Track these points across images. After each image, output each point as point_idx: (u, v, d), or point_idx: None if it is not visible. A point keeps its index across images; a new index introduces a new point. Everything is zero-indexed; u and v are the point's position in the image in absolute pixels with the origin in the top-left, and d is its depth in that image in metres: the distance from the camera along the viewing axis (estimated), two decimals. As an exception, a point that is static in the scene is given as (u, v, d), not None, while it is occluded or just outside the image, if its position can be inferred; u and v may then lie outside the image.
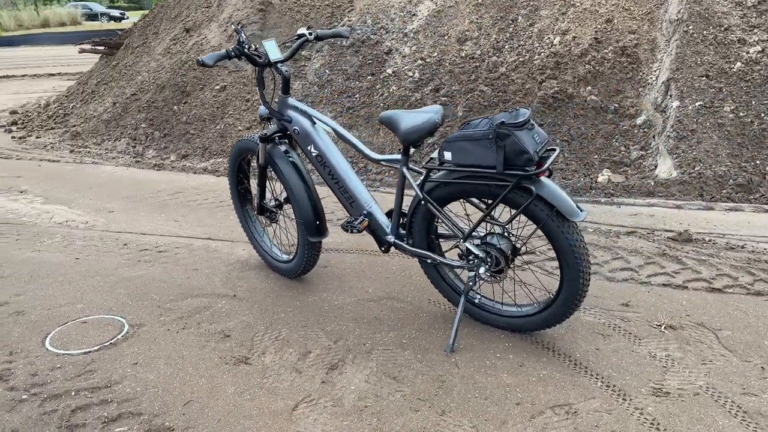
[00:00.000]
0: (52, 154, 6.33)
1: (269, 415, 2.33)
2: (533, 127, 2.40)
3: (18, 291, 3.36)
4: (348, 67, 6.15)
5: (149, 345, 2.82)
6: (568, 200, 2.41)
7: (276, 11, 7.04)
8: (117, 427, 2.30)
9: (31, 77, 12.17)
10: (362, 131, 5.57)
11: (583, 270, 2.47)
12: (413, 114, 2.66)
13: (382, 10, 6.68)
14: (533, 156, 2.34)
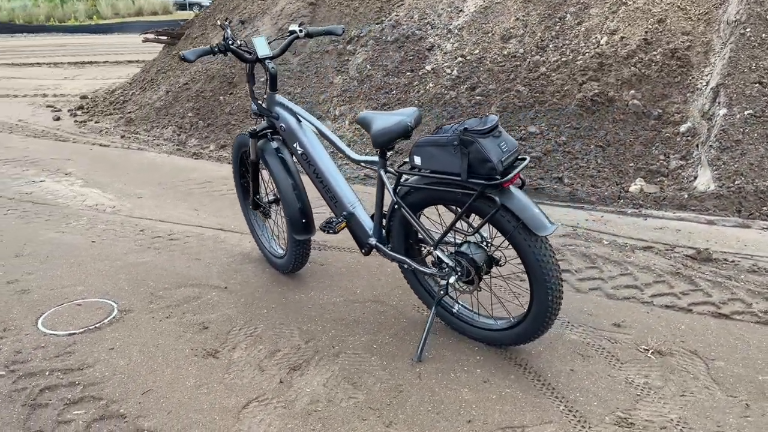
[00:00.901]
0: (105, 138, 6.63)
1: (218, 411, 2.34)
2: (500, 135, 2.29)
3: (31, 270, 3.53)
4: (389, 62, 6.11)
5: (130, 331, 2.90)
6: (536, 213, 2.29)
7: (326, 5, 7.07)
8: (76, 410, 2.38)
9: (112, 64, 12.78)
10: (395, 128, 5.51)
11: (551, 287, 2.35)
12: (386, 116, 2.60)
13: (431, 5, 6.59)
14: (496, 165, 2.23)
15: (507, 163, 2.29)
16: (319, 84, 6.35)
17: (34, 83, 10.66)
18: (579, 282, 3.25)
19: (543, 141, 4.89)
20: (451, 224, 2.50)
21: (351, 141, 5.60)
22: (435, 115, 5.39)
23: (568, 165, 4.69)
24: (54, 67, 12.88)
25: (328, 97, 6.14)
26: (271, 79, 3.03)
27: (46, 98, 9.13)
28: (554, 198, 4.42)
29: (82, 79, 11.13)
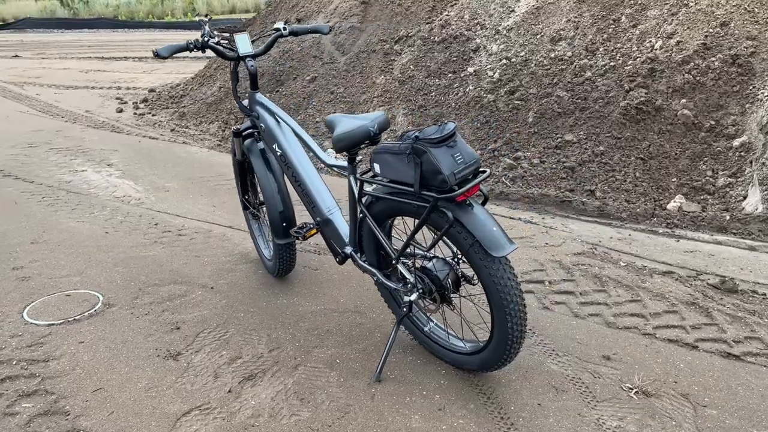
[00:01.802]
0: (156, 131, 6.82)
1: (157, 417, 2.29)
2: (455, 145, 2.11)
3: (38, 257, 3.63)
4: (432, 63, 5.93)
5: (105, 326, 2.91)
6: (493, 231, 2.08)
7: (378, 4, 6.97)
8: (26, 402, 2.39)
9: (191, 59, 13.22)
10: (429, 131, 5.33)
11: (510, 313, 2.14)
12: (351, 119, 2.46)
13: (483, 5, 6.36)
14: (448, 177, 2.05)
15: (462, 176, 2.10)
16: (363, 84, 6.26)
17: (115, 76, 11.18)
18: (579, 306, 2.99)
19: (579, 150, 4.58)
20: (409, 237, 2.34)
21: (384, 143, 5.46)
22: (470, 119, 5.18)
23: (603, 177, 4.37)
24: (138, 61, 13.47)
25: (369, 98, 6.03)
26: (251, 78, 2.95)
27: (119, 91, 9.54)
28: (581, 212, 4.12)
29: (159, 73, 11.57)
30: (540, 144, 4.75)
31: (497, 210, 4.20)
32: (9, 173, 5.30)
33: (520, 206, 4.26)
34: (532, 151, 4.72)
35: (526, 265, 3.41)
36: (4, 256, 3.65)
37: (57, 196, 4.72)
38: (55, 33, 22.86)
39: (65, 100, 8.74)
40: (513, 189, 4.41)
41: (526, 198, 4.32)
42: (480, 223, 2.10)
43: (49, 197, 4.68)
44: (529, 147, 4.77)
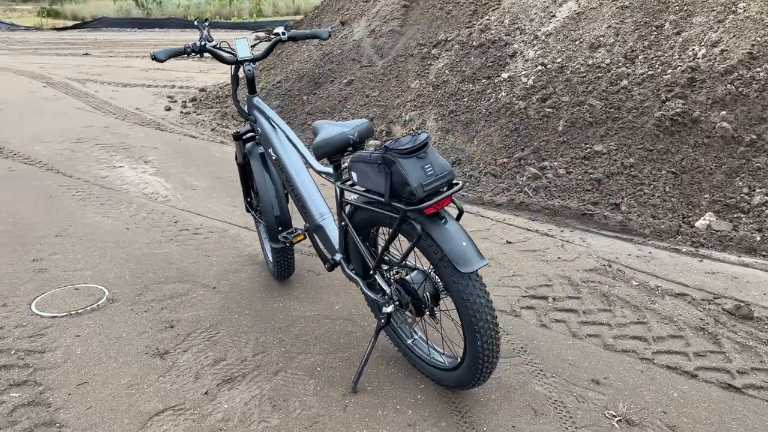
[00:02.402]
0: (198, 130, 6.98)
1: (131, 415, 2.33)
2: (425, 156, 2.05)
3: (59, 250, 3.77)
4: (468, 68, 5.85)
5: (104, 320, 2.98)
6: (462, 246, 2.02)
7: (419, 8, 6.93)
8: (14, 392, 2.48)
9: (245, 59, 13.49)
10: (457, 137, 5.27)
11: (480, 332, 2.07)
12: (333, 126, 2.43)
13: (524, 10, 6.22)
14: (415, 189, 2.00)
15: (432, 188, 2.04)
16: (398, 87, 6.23)
17: (172, 75, 11.52)
18: (579, 326, 2.87)
19: (608, 162, 4.42)
20: (383, 249, 2.29)
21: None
22: (499, 126, 5.07)
23: (630, 191, 4.19)
24: (197, 60, 13.84)
25: (403, 102, 6.00)
26: (248, 82, 2.96)
27: (173, 89, 9.82)
28: (603, 226, 3.96)
29: (214, 72, 11.84)
30: (568, 154, 4.60)
31: (515, 221, 4.09)
32: (52, 167, 5.53)
33: (539, 218, 4.13)
34: (559, 161, 4.58)
35: (533, 279, 3.30)
36: (28, 248, 3.80)
37: (90, 191, 4.89)
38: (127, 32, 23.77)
39: (120, 97, 9.06)
40: (534, 200, 4.29)
41: (547, 209, 4.19)
42: (449, 236, 2.04)
43: (83, 192, 4.85)
44: (556, 156, 4.63)
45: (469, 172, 4.86)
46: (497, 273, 3.39)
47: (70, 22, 27.43)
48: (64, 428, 2.27)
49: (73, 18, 28.72)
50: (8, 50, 15.54)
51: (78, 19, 28.10)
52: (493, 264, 3.48)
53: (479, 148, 5.07)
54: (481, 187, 4.61)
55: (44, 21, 26.90)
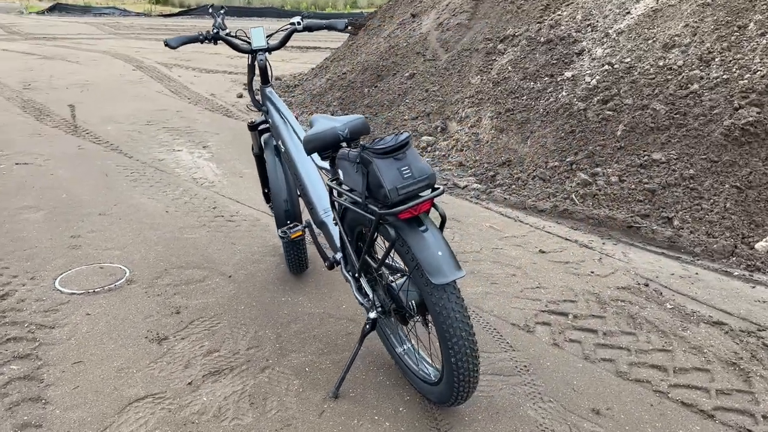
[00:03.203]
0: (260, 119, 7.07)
1: (112, 399, 2.35)
2: (403, 158, 1.93)
3: (98, 228, 3.90)
4: (531, 65, 5.59)
5: (116, 301, 3.05)
6: (437, 255, 1.89)
7: (489, 1, 6.70)
8: (14, 364, 2.57)
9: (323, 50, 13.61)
10: (511, 137, 5.05)
11: (454, 348, 1.94)
12: (326, 121, 2.35)
13: (599, 5, 5.88)
14: (389, 192, 1.89)
15: (408, 191, 1.91)
16: (458, 83, 6.05)
17: (254, 63, 11.76)
18: (595, 348, 2.66)
19: (666, 172, 4.09)
20: (364, 251, 2.19)
21: (464, 146, 5.25)
22: (555, 127, 4.81)
23: (686, 204, 3.86)
24: (284, 50, 14.11)
25: (461, 98, 5.82)
26: (261, 72, 2.92)
27: (250, 77, 10.02)
28: (649, 241, 3.67)
29: (296, 62, 12.02)
30: (623, 161, 4.30)
31: (555, 229, 3.86)
32: (116, 147, 5.75)
33: (581, 227, 3.88)
34: (613, 168, 4.28)
35: (557, 293, 3.09)
36: (70, 224, 3.95)
37: (144, 172, 5.04)
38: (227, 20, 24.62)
39: (200, 82, 9.34)
40: (579, 208, 4.03)
41: (591, 219, 3.92)
42: (424, 244, 1.91)
43: (137, 173, 5.01)
44: (610, 163, 4.34)
45: (518, 174, 4.64)
46: (521, 284, 3.20)
47: (177, 9, 28.69)
48: (48, 405, 2.31)
49: (180, 5, 30.02)
50: (114, 34, 16.42)
51: (184, 7, 29.33)
52: (519, 274, 3.29)
53: (532, 150, 4.84)
54: (527, 191, 4.39)
55: (153, 7, 28.29)
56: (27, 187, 4.64)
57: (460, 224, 3.93)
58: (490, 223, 3.95)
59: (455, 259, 1.92)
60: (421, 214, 1.98)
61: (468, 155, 5.17)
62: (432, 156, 5.29)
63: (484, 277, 3.27)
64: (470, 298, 3.04)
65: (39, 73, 9.75)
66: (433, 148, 5.44)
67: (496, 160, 4.96)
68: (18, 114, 7.06)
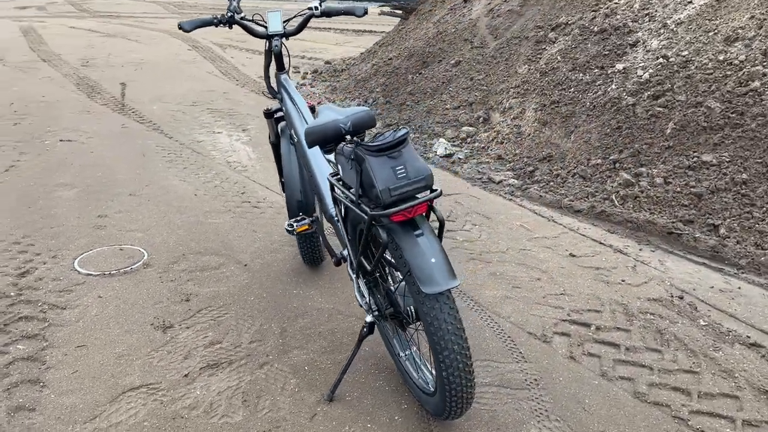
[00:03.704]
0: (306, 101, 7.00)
1: (108, 386, 2.33)
2: (399, 156, 1.80)
3: (125, 209, 3.92)
4: (582, 55, 5.33)
5: (129, 285, 3.04)
6: (430, 262, 1.76)
7: (543, -13, 6.42)
8: (21, 344, 2.59)
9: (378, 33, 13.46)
10: (554, 131, 4.82)
11: (445, 361, 1.81)
12: (331, 112, 2.23)
13: (659, -6, 5.54)
14: (381, 192, 1.77)
15: (401, 193, 1.79)
16: (505, 72, 5.83)
17: (306, 45, 11.75)
18: (614, 364, 2.48)
19: (716, 175, 3.81)
20: (359, 252, 2.07)
21: (505, 138, 5.05)
22: (601, 122, 4.56)
23: (735, 211, 3.59)
24: (338, 33, 14.05)
25: (506, 88, 5.61)
26: (276, 58, 2.82)
27: (302, 60, 10.00)
28: (690, 249, 3.42)
29: (349, 46, 11.93)
30: (671, 161, 4.03)
31: (590, 231, 3.65)
32: (158, 127, 5.80)
33: (618, 231, 3.66)
34: (659, 169, 4.02)
35: (582, 301, 2.91)
36: (100, 203, 3.98)
37: (180, 153, 5.05)
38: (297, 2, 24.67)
39: (250, 64, 9.37)
40: (618, 210, 3.81)
41: (629, 223, 3.69)
42: (418, 250, 1.79)
43: (173, 154, 5.03)
44: (656, 163, 4.08)
45: (557, 170, 4.43)
46: (544, 289, 3.03)
47: (239, -11, 28.91)
48: (45, 389, 2.31)
49: (242, -14, 30.22)
50: (178, 14, 16.70)
51: (246, -13, 29.54)
52: (544, 278, 3.12)
53: (575, 145, 4.60)
54: (565, 189, 4.18)
55: (217, -13, 28.64)
56: (66, 165, 4.72)
57: (490, 221, 3.77)
58: (521, 222, 3.77)
59: (450, 267, 1.79)
60: (417, 216, 1.85)
61: (508, 148, 4.97)
62: (471, 148, 5.12)
63: (506, 279, 3.11)
64: (488, 302, 2.90)
65: (99, 51, 9.97)
66: (472, 140, 5.26)
67: (536, 154, 4.75)
68: (72, 91, 7.22)
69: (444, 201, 4.06)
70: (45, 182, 4.35)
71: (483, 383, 2.36)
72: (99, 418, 2.16)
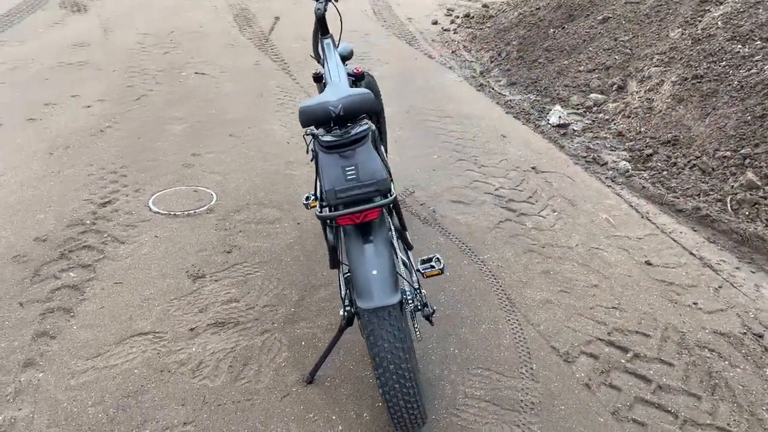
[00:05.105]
0: (440, 50, 6.75)
1: (122, 328, 2.51)
2: (352, 156, 1.65)
3: (218, 150, 4.11)
4: (747, 22, 4.53)
5: (186, 228, 3.20)
6: (371, 274, 1.64)
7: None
8: (74, 273, 2.85)
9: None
10: (689, 110, 4.21)
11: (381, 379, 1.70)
12: (331, 90, 2.09)
13: None
14: (326, 193, 1.65)
15: (349, 196, 1.65)
16: (654, 35, 5.15)
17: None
18: (633, 402, 2.18)
19: None
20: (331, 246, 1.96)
21: (632, 112, 4.50)
22: (744, 107, 3.89)
23: None
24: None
25: (651, 53, 4.96)
26: (319, 22, 2.68)
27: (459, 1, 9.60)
28: (801, 278, 2.86)
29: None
30: (814, 165, 3.35)
31: (684, 237, 3.18)
32: (287, 67, 5.94)
33: (719, 241, 3.15)
34: (797, 172, 3.36)
35: (634, 321, 2.57)
36: (199, 141, 4.21)
37: (294, 96, 5.16)
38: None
39: (405, 4, 9.17)
40: (727, 216, 3.26)
41: (735, 234, 3.15)
42: (362, 259, 1.66)
43: (287, 96, 5.14)
44: (796, 165, 3.41)
45: (677, 157, 3.87)
46: (596, 298, 2.71)
47: None
48: (72, 319, 2.53)
49: None
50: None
51: None
52: (603, 286, 2.79)
53: (706, 130, 3.98)
54: (676, 181, 3.65)
55: None
56: (188, 99, 5.02)
57: (573, 209, 3.42)
58: (608, 215, 3.38)
59: (394, 282, 1.64)
60: (375, 221, 1.70)
61: (633, 124, 4.43)
62: (593, 119, 4.64)
63: (557, 281, 2.82)
64: (524, 304, 2.66)
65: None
66: (598, 109, 4.75)
67: (661, 135, 4.18)
68: (228, 23, 7.60)
69: (533, 178, 3.75)
70: (163, 114, 4.66)
71: (473, 395, 2.19)
72: (100, 357, 2.33)
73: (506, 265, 2.93)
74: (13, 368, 2.27)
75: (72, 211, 3.29)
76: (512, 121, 4.68)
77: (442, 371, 2.30)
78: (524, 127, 4.56)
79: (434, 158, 4.02)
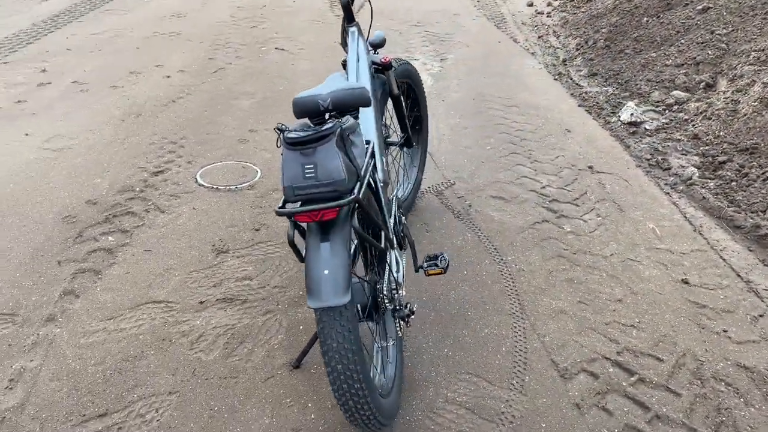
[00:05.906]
0: (526, 34, 6.49)
1: (139, 296, 2.66)
2: (312, 154, 1.64)
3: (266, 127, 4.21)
4: None
5: (224, 203, 3.33)
6: (320, 274, 1.64)
7: None
8: (113, 237, 3.05)
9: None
10: (774, 117, 3.83)
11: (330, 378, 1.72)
12: (328, 83, 2.09)
13: None
14: (285, 189, 1.67)
15: (306, 194, 1.65)
16: (757, 29, 4.70)
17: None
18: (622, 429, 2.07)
19: None
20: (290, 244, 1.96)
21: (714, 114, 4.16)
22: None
23: None
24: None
25: (748, 50, 4.54)
26: (344, 9, 2.66)
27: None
28: None
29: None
30: None
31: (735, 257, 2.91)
32: (365, 46, 5.93)
33: (759, 250, 2.88)
34: None
35: (650, 342, 2.41)
36: (260, 117, 4.33)
37: (364, 77, 5.14)
38: None
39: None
40: (789, 237, 2.97)
41: (794, 258, 2.86)
42: (316, 256, 1.66)
43: (358, 77, 5.14)
44: None
45: (750, 168, 3.55)
46: (616, 314, 2.57)
47: None
48: (98, 281, 2.72)
49: None
50: None
51: None
52: (627, 301, 2.64)
53: None
54: (742, 194, 3.35)
55: None
56: (263, 74, 5.16)
57: (620, 216, 3.23)
58: (655, 225, 3.17)
59: (346, 283, 1.63)
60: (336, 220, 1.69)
61: (712, 127, 4.09)
62: (671, 118, 4.33)
63: (579, 291, 2.70)
64: (534, 312, 2.57)
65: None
66: (679, 108, 4.43)
67: (741, 141, 3.84)
68: (321, -1, 7.68)
69: (586, 178, 3.57)
70: (235, 88, 4.83)
71: (454, 400, 2.16)
72: (113, 320, 2.48)
73: (529, 269, 2.82)
74: (36, 321, 2.47)
75: (126, 178, 3.50)
76: (582, 115, 4.46)
77: (430, 372, 2.27)
78: (593, 122, 4.33)
79: (486, 149, 3.91)
